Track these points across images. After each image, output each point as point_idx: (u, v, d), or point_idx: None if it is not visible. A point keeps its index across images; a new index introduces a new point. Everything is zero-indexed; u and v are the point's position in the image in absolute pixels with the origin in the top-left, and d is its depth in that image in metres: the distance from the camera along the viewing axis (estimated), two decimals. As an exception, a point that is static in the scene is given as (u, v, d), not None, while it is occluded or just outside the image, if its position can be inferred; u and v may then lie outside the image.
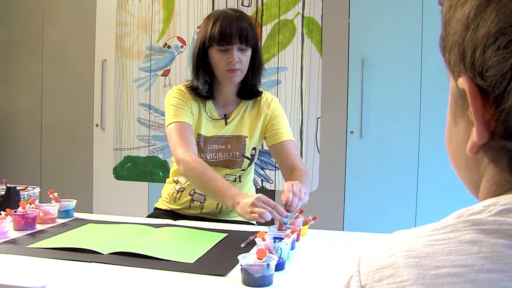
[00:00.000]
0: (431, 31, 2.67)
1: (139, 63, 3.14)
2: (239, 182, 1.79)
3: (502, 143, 0.41)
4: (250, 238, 1.36)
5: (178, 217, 1.76)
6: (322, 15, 2.85)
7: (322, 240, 1.49)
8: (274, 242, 1.19)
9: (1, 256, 1.21)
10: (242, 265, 1.05)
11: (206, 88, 1.70)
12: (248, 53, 1.66)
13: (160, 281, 1.08)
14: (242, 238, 1.38)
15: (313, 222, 1.51)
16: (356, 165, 2.82)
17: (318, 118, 2.88)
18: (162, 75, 3.10)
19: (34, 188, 1.77)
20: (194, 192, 1.77)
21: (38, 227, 1.49)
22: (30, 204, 1.53)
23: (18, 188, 1.67)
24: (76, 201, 1.69)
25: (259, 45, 1.79)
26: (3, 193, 1.64)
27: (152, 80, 3.12)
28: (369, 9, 2.78)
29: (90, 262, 1.17)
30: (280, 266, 1.15)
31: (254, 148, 1.77)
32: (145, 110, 3.14)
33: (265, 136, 1.78)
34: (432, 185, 2.70)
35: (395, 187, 2.77)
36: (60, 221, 1.59)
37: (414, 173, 2.74)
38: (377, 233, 1.48)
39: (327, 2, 2.84)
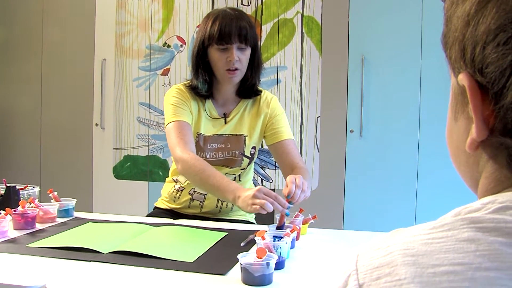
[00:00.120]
0: (431, 30, 2.67)
1: (139, 62, 3.14)
2: (239, 181, 1.79)
3: (501, 140, 0.41)
4: (250, 237, 1.36)
5: (177, 216, 1.76)
6: (321, 14, 2.85)
7: (322, 239, 1.49)
8: (274, 241, 1.19)
9: (0, 255, 1.21)
10: (242, 264, 1.05)
11: (206, 87, 1.70)
12: (247, 52, 1.66)
13: (160, 280, 1.08)
14: (242, 237, 1.39)
15: (312, 221, 1.51)
16: (356, 164, 2.82)
17: (317, 117, 2.88)
18: (161, 74, 3.10)
19: (33, 187, 1.78)
20: (193, 191, 1.77)
21: (38, 226, 1.49)
22: (30, 203, 1.53)
23: (17, 187, 1.67)
24: (75, 200, 1.69)
25: (259, 44, 1.78)
26: (3, 192, 1.65)
27: (151, 79, 3.12)
28: (368, 8, 2.78)
29: (90, 261, 1.17)
30: (280, 265, 1.15)
31: (253, 147, 1.77)
32: (144, 109, 3.14)
33: (264, 135, 1.78)
34: (431, 183, 2.70)
35: (395, 186, 2.77)
36: (59, 220, 1.59)
37: (414, 171, 2.74)
38: (377, 231, 1.48)
39: (327, 1, 2.84)
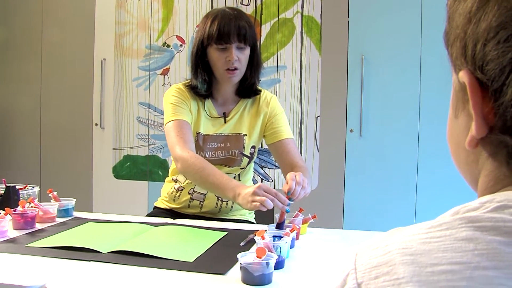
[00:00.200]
0: (430, 30, 2.67)
1: (138, 62, 3.14)
2: (239, 180, 1.79)
3: (500, 138, 0.41)
4: (249, 236, 1.36)
5: (177, 216, 1.76)
6: (321, 14, 2.85)
7: (321, 238, 1.49)
8: (274, 241, 1.19)
9: (0, 255, 1.21)
10: (241, 263, 1.05)
11: (205, 86, 1.70)
12: (246, 51, 1.66)
13: (159, 279, 1.08)
14: (242, 236, 1.39)
15: (312, 220, 1.51)
16: (355, 163, 2.82)
17: (317, 117, 2.88)
18: (161, 74, 3.10)
19: (33, 187, 1.78)
20: (193, 191, 1.77)
21: (38, 226, 1.49)
22: (30, 203, 1.53)
23: (17, 187, 1.67)
24: (75, 200, 1.69)
25: (258, 43, 1.78)
26: (3, 192, 1.65)
27: (151, 79, 3.12)
28: (368, 8, 2.78)
29: (90, 261, 1.17)
30: (279, 265, 1.15)
31: (253, 146, 1.77)
32: (144, 109, 3.14)
33: (264, 134, 1.78)
34: (431, 183, 2.70)
35: (395, 185, 2.77)
36: (59, 220, 1.59)
37: (414, 171, 2.74)
38: (376, 231, 1.48)
39: (326, 1, 2.84)
